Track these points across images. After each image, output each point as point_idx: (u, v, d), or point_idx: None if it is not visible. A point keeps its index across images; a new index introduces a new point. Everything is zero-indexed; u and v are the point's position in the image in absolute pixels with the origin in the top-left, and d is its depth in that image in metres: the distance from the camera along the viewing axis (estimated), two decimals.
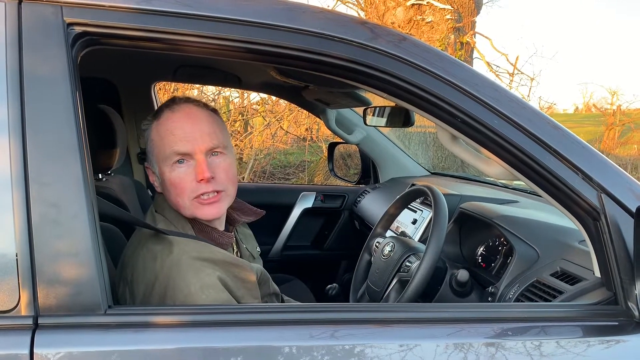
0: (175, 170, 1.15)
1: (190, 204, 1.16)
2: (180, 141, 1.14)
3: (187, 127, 1.15)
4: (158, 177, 1.20)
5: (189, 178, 1.15)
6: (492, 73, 7.11)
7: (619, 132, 12.16)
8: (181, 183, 1.15)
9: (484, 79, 1.06)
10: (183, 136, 1.15)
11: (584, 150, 1.04)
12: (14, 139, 0.84)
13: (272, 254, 2.77)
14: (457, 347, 0.92)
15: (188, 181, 1.15)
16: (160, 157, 1.17)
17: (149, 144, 1.21)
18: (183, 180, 1.15)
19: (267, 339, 0.89)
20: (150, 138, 1.20)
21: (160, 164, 1.17)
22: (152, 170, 1.22)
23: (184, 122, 1.16)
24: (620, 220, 1.00)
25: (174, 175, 1.15)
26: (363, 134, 2.66)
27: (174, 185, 1.15)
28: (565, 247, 1.38)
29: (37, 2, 0.89)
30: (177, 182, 1.15)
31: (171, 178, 1.15)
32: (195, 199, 1.16)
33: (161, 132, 1.17)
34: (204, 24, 0.94)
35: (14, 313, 0.82)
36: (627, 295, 0.99)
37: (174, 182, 1.15)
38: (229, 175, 1.20)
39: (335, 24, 1.00)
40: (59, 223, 0.84)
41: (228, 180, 1.20)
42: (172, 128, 1.16)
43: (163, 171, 1.17)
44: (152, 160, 1.21)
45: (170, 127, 1.16)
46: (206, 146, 1.16)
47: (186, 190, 1.15)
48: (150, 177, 1.23)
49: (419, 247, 1.54)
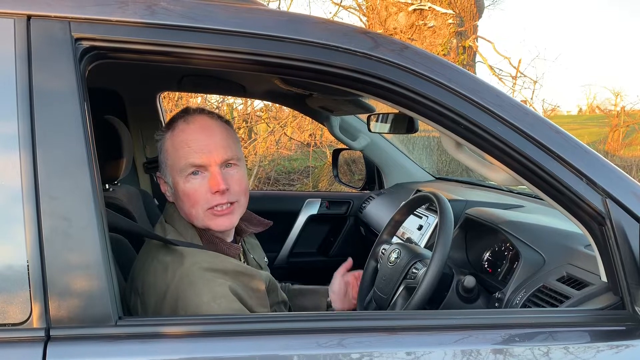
0: (190, 182, 1.16)
1: (203, 215, 1.18)
2: (196, 153, 1.15)
3: (202, 139, 1.17)
4: (171, 187, 1.21)
5: (203, 189, 1.16)
6: (495, 77, 7.11)
7: (624, 133, 12.12)
8: (195, 194, 1.16)
9: (486, 85, 1.06)
10: (198, 148, 1.16)
11: (587, 154, 1.04)
12: (25, 153, 0.85)
13: (278, 261, 2.77)
14: (465, 354, 0.93)
15: (202, 192, 1.16)
16: (174, 168, 1.18)
17: (163, 154, 1.21)
18: (197, 191, 1.16)
19: (274, 348, 0.90)
20: (163, 149, 1.21)
21: (174, 175, 1.18)
22: (164, 180, 1.23)
23: (199, 134, 1.17)
24: (625, 224, 1.00)
25: (188, 187, 1.16)
26: (367, 140, 2.66)
27: (187, 196, 1.17)
28: (571, 251, 1.38)
29: (45, 18, 0.90)
30: (191, 193, 1.16)
31: (185, 189, 1.16)
32: (209, 210, 1.17)
33: (176, 144, 1.18)
34: (210, 36, 0.96)
35: (26, 325, 0.83)
36: (634, 300, 0.99)
37: (188, 193, 1.16)
38: (242, 187, 1.21)
39: (338, 34, 1.02)
40: (69, 236, 0.85)
41: (241, 192, 1.21)
42: (187, 140, 1.17)
43: (177, 182, 1.18)
44: (165, 171, 1.22)
45: (185, 139, 1.17)
46: (221, 158, 1.17)
47: (200, 201, 1.17)
48: (162, 187, 1.24)
49: (425, 254, 1.54)
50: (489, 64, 6.97)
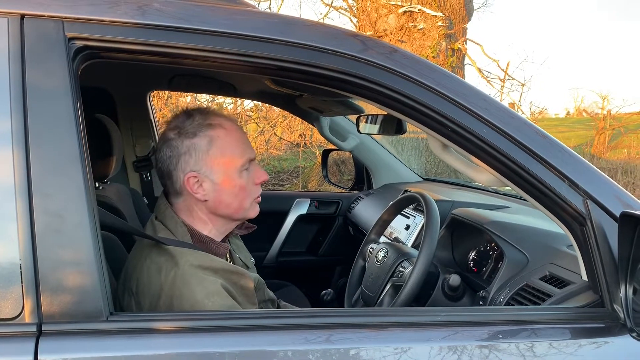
0: (244, 176, 1.25)
1: (250, 206, 1.28)
2: (249, 148, 1.27)
3: (245, 137, 1.28)
4: (215, 184, 1.21)
5: (251, 182, 1.27)
6: (483, 79, 7.17)
7: (610, 136, 12.25)
8: (248, 187, 1.26)
9: (473, 89, 1.08)
10: (248, 144, 1.27)
11: (571, 157, 1.07)
12: (17, 151, 0.86)
13: (267, 260, 2.79)
14: (450, 350, 0.95)
15: (250, 184, 1.27)
16: (227, 166, 1.22)
17: (197, 154, 1.20)
18: (249, 184, 1.26)
19: (263, 343, 0.91)
20: (201, 149, 1.20)
21: (229, 171, 1.23)
22: (197, 181, 1.21)
23: (241, 133, 1.27)
24: (605, 225, 1.03)
25: (244, 181, 1.25)
26: (356, 141, 2.69)
27: (243, 189, 1.25)
28: (553, 251, 1.41)
29: (39, 17, 0.91)
30: (245, 186, 1.25)
31: (242, 183, 1.25)
32: (255, 200, 1.29)
33: (232, 141, 1.24)
34: (202, 37, 0.97)
35: (18, 320, 0.84)
36: (613, 298, 1.02)
37: (244, 186, 1.25)
38: None
39: (328, 37, 1.03)
40: (61, 232, 0.86)
41: None
42: (238, 137, 1.25)
43: (231, 178, 1.23)
44: (204, 170, 1.20)
45: (236, 137, 1.25)
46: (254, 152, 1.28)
47: (251, 193, 1.27)
48: (192, 186, 1.21)
49: (412, 253, 1.56)
50: (478, 66, 7.03)
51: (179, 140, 1.21)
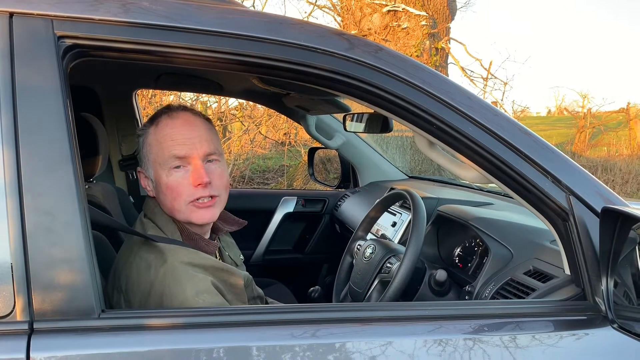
0: (173, 175, 1.19)
1: (185, 208, 1.20)
2: (179, 146, 1.18)
3: (186, 133, 1.20)
4: (153, 181, 1.23)
5: (185, 182, 1.18)
6: (466, 78, 7.24)
7: (590, 134, 12.45)
8: (178, 187, 1.18)
9: (458, 87, 1.10)
10: (182, 141, 1.19)
11: (553, 154, 1.09)
12: (7, 149, 0.86)
13: (254, 259, 2.79)
14: (435, 343, 0.96)
15: (185, 185, 1.18)
16: (157, 162, 1.20)
17: (145, 148, 1.23)
18: (180, 184, 1.18)
19: (249, 339, 0.92)
20: (146, 143, 1.23)
21: (157, 169, 1.20)
22: (145, 175, 1.25)
23: (183, 128, 1.20)
24: (587, 220, 1.06)
25: (172, 180, 1.19)
26: (343, 139, 2.70)
27: (170, 189, 1.19)
28: (537, 246, 1.44)
29: (28, 15, 0.91)
30: (174, 186, 1.18)
31: (169, 182, 1.19)
32: (191, 203, 1.19)
33: (160, 137, 1.20)
34: (192, 36, 0.98)
35: (9, 319, 0.84)
36: (594, 291, 1.05)
37: (171, 185, 1.19)
38: (223, 182, 1.24)
39: (317, 36, 1.05)
40: (52, 231, 0.86)
41: (222, 187, 1.24)
42: (171, 133, 1.19)
43: (160, 175, 1.20)
44: (146, 165, 1.23)
45: (169, 133, 1.20)
46: (204, 151, 1.20)
47: (183, 194, 1.19)
48: (143, 181, 1.26)
49: (399, 249, 1.58)
50: (461, 65, 7.10)
51: (140, 137, 1.25)
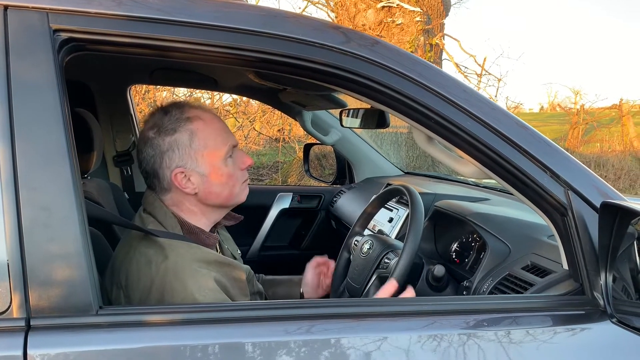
0: (230, 164, 1.26)
1: (240, 190, 1.30)
2: (230, 136, 1.28)
3: (224, 125, 1.30)
4: (202, 177, 1.22)
5: (237, 168, 1.29)
6: (460, 74, 7.25)
7: (583, 130, 12.50)
8: (235, 173, 1.28)
9: (455, 81, 1.10)
10: (229, 132, 1.29)
11: (551, 149, 1.09)
12: (3, 144, 0.85)
13: (250, 255, 2.78)
14: (431, 338, 0.96)
15: (237, 170, 1.29)
16: (215, 154, 1.23)
17: (181, 149, 1.20)
18: (235, 171, 1.28)
19: (245, 335, 0.91)
20: (184, 144, 1.20)
21: (214, 161, 1.23)
22: (185, 175, 1.21)
23: (220, 122, 1.29)
24: (586, 215, 1.06)
25: (230, 168, 1.27)
26: (338, 135, 2.69)
27: (231, 177, 1.27)
28: (535, 241, 1.44)
29: (23, 8, 0.89)
30: (232, 172, 1.27)
31: (229, 171, 1.26)
32: (243, 184, 1.32)
33: (212, 131, 1.24)
34: (188, 30, 0.96)
35: (6, 315, 0.83)
36: (593, 286, 1.05)
37: (231, 174, 1.27)
38: None
39: (313, 29, 1.04)
40: (49, 226, 0.85)
41: None
42: (218, 127, 1.26)
43: (218, 167, 1.24)
44: (190, 164, 1.21)
45: (216, 127, 1.25)
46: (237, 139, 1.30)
47: (239, 178, 1.30)
48: (180, 182, 1.21)
49: (396, 244, 1.58)
50: (455, 61, 7.10)
51: (159, 138, 1.20)
